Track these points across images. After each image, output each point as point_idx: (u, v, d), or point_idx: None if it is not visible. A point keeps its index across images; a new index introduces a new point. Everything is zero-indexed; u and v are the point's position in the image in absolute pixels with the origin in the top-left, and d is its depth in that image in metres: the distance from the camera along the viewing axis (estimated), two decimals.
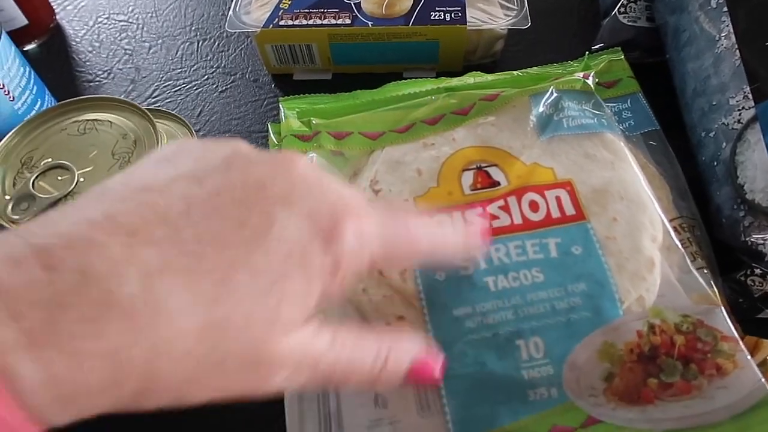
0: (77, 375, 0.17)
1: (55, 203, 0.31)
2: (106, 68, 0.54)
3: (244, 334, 0.19)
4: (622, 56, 0.44)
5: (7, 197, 0.32)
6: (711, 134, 0.39)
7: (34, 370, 0.16)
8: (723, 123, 0.38)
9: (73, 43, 0.56)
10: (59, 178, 0.33)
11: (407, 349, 0.26)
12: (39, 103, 0.42)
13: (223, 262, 0.19)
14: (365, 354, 0.24)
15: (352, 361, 0.24)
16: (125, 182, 0.19)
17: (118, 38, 0.57)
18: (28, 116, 0.40)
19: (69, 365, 0.17)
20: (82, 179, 0.32)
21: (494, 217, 0.33)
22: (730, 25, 0.40)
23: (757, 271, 0.35)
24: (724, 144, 0.38)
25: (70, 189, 0.32)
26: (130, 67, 0.54)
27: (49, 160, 0.33)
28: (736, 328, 0.31)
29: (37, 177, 0.32)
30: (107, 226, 0.17)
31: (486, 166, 0.35)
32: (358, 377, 0.24)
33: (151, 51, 0.55)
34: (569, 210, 0.33)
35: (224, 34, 0.56)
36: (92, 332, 0.17)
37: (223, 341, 0.19)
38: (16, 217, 0.31)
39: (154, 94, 0.52)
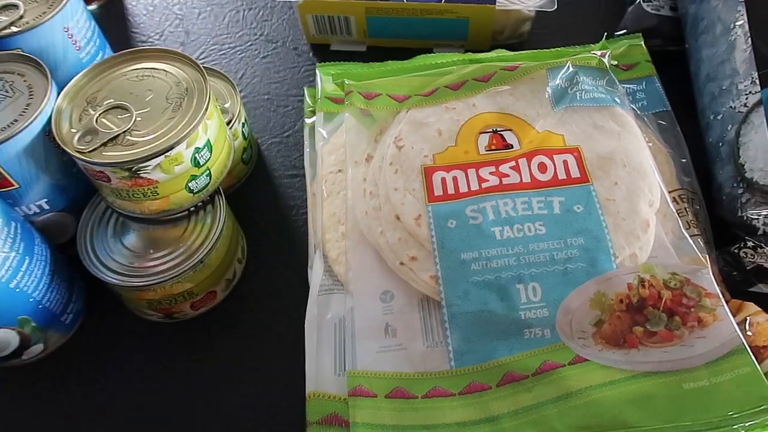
0: None
1: (115, 138, 0.36)
2: (158, 30, 0.59)
3: None
4: (642, 41, 0.47)
5: (74, 130, 0.36)
6: (719, 117, 0.41)
7: None
8: (731, 106, 0.41)
9: (130, 6, 0.61)
10: (119, 116, 0.37)
11: None
12: (100, 54, 0.46)
13: None
14: None
15: None
16: None
17: (171, 4, 0.61)
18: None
19: None
20: (139, 118, 0.36)
21: (505, 175, 0.36)
22: (745, 15, 0.42)
23: (750, 244, 0.37)
24: (730, 126, 0.40)
25: (128, 126, 0.36)
26: (180, 31, 0.58)
27: (111, 100, 0.37)
28: (722, 291, 0.34)
29: (100, 114, 0.37)
30: None
31: (501, 130, 0.38)
32: None
33: (201, 17, 0.59)
34: (575, 173, 0.36)
35: (268, 4, 0.60)
36: None
37: None
38: (81, 147, 0.35)
39: (201, 56, 0.56)
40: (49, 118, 0.36)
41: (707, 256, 0.35)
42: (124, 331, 0.41)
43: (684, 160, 0.41)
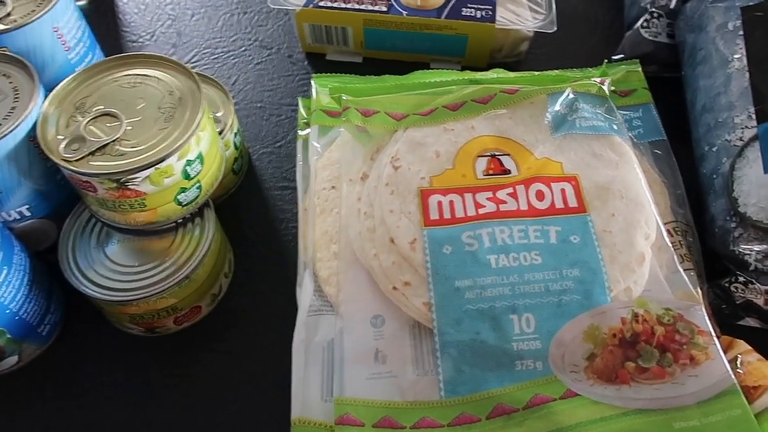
0: None
1: (103, 147, 0.34)
2: (149, 30, 0.57)
3: None
4: (639, 68, 0.47)
5: (60, 137, 0.35)
6: (714, 149, 0.41)
7: None
8: (726, 139, 0.41)
9: (120, 4, 0.59)
10: (108, 124, 0.35)
11: None
12: (90, 56, 0.44)
13: None
14: None
15: None
16: None
17: (163, 3, 0.59)
18: (81, 67, 0.43)
19: None
20: (129, 127, 0.35)
21: (502, 201, 0.36)
22: (744, 48, 0.42)
23: (741, 279, 0.38)
24: (725, 159, 0.40)
25: (117, 135, 0.35)
26: (172, 32, 0.57)
27: (101, 107, 0.36)
28: (713, 327, 0.34)
29: (88, 121, 0.35)
30: None
31: (500, 155, 0.38)
32: None
33: (194, 18, 0.58)
34: (572, 202, 0.36)
35: (264, 9, 0.59)
36: None
37: None
38: (67, 155, 0.34)
39: (193, 60, 0.55)
40: (35, 123, 0.35)
41: (700, 292, 0.35)
42: (104, 343, 0.40)
43: (679, 192, 0.41)
